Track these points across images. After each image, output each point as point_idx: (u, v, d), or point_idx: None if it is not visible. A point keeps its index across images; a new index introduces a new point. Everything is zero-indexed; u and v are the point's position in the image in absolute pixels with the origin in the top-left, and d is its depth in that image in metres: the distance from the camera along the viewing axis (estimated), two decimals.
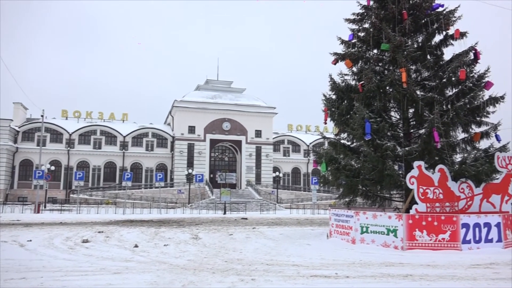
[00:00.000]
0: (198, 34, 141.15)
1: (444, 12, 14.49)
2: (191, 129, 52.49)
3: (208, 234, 16.18)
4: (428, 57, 14.70)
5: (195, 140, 52.40)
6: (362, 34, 15.58)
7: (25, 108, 52.39)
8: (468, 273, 8.35)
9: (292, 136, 60.15)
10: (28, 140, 49.40)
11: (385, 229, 12.00)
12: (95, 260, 9.78)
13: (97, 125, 52.36)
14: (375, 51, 15.53)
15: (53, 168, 45.45)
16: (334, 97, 15.76)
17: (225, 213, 34.25)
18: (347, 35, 15.79)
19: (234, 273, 8.23)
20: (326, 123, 16.35)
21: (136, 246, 12.32)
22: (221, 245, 12.84)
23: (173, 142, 52.96)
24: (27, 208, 33.84)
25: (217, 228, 19.01)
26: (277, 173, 50.64)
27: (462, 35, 14.38)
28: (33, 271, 8.25)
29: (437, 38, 15.14)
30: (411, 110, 14.53)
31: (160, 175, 38.22)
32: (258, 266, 9.06)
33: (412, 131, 15.02)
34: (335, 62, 15.69)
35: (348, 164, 14.66)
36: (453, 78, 13.73)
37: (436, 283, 7.43)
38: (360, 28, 15.84)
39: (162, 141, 54.07)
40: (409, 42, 14.53)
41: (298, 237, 15.20)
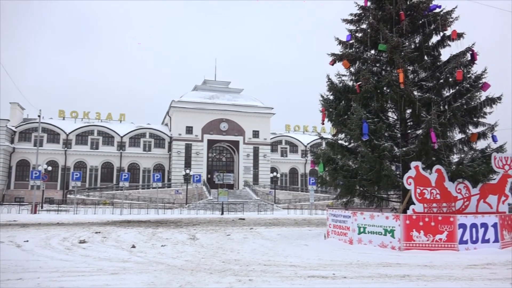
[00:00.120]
0: (198, 34, 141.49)
1: (441, 13, 14.51)
2: (189, 130, 52.47)
3: (206, 235, 16.17)
4: (426, 58, 14.73)
5: (193, 141, 52.38)
6: (360, 35, 15.59)
7: (22, 108, 52.26)
8: (465, 274, 8.37)
9: (290, 137, 60.23)
10: (25, 140, 49.29)
11: (383, 230, 12.02)
12: (92, 261, 9.75)
13: (95, 125, 52.29)
14: (373, 52, 15.56)
15: (50, 169, 45.36)
16: (332, 98, 15.76)
17: (223, 214, 34.22)
18: (345, 36, 15.82)
19: (232, 274, 8.22)
20: (324, 124, 16.35)
21: (134, 247, 12.30)
22: (219, 246, 12.84)
23: (171, 143, 52.92)
24: (24, 209, 33.77)
25: (215, 229, 18.99)
26: (275, 174, 50.65)
27: (459, 36, 14.41)
28: (30, 272, 8.23)
29: (434, 39, 15.17)
30: (409, 111, 14.57)
31: (158, 176, 38.13)
32: (256, 267, 9.06)
33: (410, 132, 15.04)
34: (333, 63, 15.70)
35: (346, 165, 14.68)
36: (450, 79, 13.76)
37: (433, 284, 7.44)
38: (358, 29, 15.85)
39: (160, 142, 54.02)
40: (407, 43, 14.54)
41: (296, 238, 15.21)
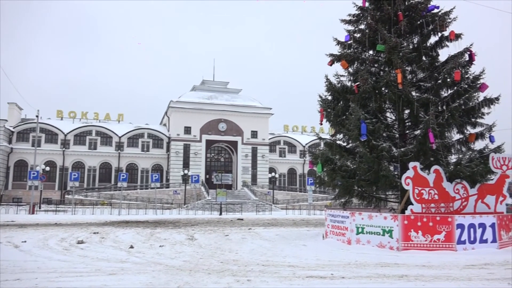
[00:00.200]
0: (198, 34, 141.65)
1: (440, 14, 14.54)
2: (187, 130, 52.43)
3: (204, 235, 16.16)
4: (424, 59, 14.74)
5: (191, 141, 52.34)
6: (358, 35, 15.61)
7: (20, 108, 52.13)
8: (463, 274, 8.38)
9: (288, 137, 60.22)
10: (23, 141, 49.15)
11: (381, 230, 12.03)
12: (90, 261, 9.74)
13: (93, 126, 52.18)
14: (371, 52, 15.58)
15: (48, 169, 45.22)
16: (330, 98, 15.78)
17: (221, 214, 34.21)
18: (344, 36, 15.83)
19: (230, 274, 8.22)
20: (322, 124, 16.36)
21: (132, 247, 12.29)
22: (217, 246, 12.83)
23: (169, 143, 52.85)
24: (22, 209, 33.68)
25: (213, 229, 18.98)
26: (273, 174, 50.64)
27: (457, 37, 14.44)
28: (28, 272, 8.21)
29: (433, 40, 15.20)
30: (407, 111, 14.59)
31: (156, 176, 38.08)
32: (254, 267, 9.06)
33: (408, 132, 15.06)
34: (331, 63, 15.71)
35: (344, 165, 14.70)
36: (448, 79, 13.79)
37: (431, 284, 7.45)
38: (356, 29, 15.86)
39: (158, 142, 53.95)
40: (405, 43, 14.56)
41: (294, 238, 15.21)
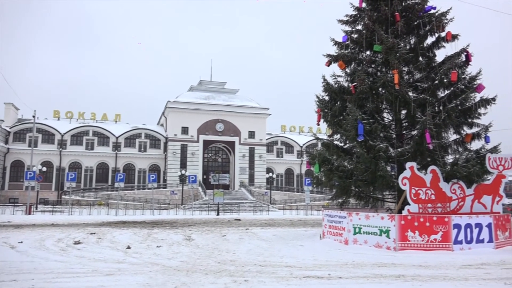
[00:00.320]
0: (198, 34, 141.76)
1: (436, 15, 14.60)
2: (184, 130, 52.37)
3: (201, 235, 16.14)
4: (420, 59, 14.80)
5: (188, 141, 52.29)
6: (355, 36, 15.63)
7: (17, 109, 51.94)
8: (460, 274, 8.41)
9: (286, 137, 60.25)
10: (20, 141, 48.98)
11: (378, 230, 12.05)
12: (87, 262, 9.71)
13: (90, 126, 52.05)
14: (368, 53, 15.61)
15: (45, 169, 45.11)
16: (327, 99, 15.80)
17: (218, 214, 34.17)
18: (341, 37, 15.86)
19: (227, 274, 8.21)
20: (319, 124, 16.37)
21: (129, 248, 12.26)
22: (214, 246, 12.82)
23: (166, 143, 52.79)
24: (18, 210, 33.52)
25: (210, 229, 18.96)
26: (270, 174, 50.67)
27: (454, 37, 14.50)
28: (24, 273, 8.18)
29: (429, 40, 15.25)
30: (404, 112, 14.61)
31: (153, 176, 37.98)
32: (251, 267, 9.06)
33: (405, 132, 15.10)
34: (329, 64, 15.74)
35: (341, 165, 14.72)
36: (445, 80, 13.83)
37: (428, 284, 7.47)
38: (353, 30, 15.90)
39: (155, 142, 53.88)
40: (402, 44, 14.60)
41: (291, 238, 15.21)
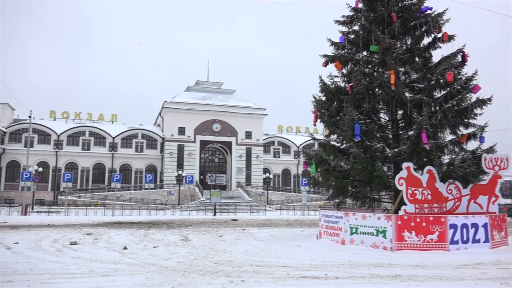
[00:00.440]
0: (198, 34, 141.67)
1: (433, 15, 14.64)
2: (181, 130, 52.29)
3: (198, 236, 16.12)
4: (417, 60, 14.82)
5: (185, 142, 52.21)
6: (352, 36, 15.65)
7: (12, 109, 51.73)
8: (456, 274, 8.43)
9: (283, 138, 60.30)
10: (15, 141, 48.77)
11: (374, 230, 12.07)
12: (83, 263, 9.67)
13: (86, 126, 51.90)
14: (365, 53, 15.64)
15: (41, 170, 44.88)
16: (324, 99, 15.80)
17: (215, 215, 34.14)
18: (338, 37, 15.88)
19: (224, 275, 8.20)
20: (316, 125, 16.38)
21: (125, 248, 12.22)
22: (211, 247, 12.80)
23: (163, 144, 52.70)
24: (14, 210, 33.37)
25: (207, 230, 18.94)
26: (267, 174, 50.66)
27: (450, 38, 14.54)
28: (20, 274, 8.14)
29: (426, 41, 15.29)
30: (400, 112, 14.66)
31: (150, 177, 37.89)
32: (248, 268, 9.05)
33: (401, 133, 15.13)
34: (325, 64, 15.75)
35: (338, 166, 14.73)
36: (441, 80, 13.87)
37: (425, 284, 7.49)
38: (350, 30, 15.91)
39: (152, 142, 53.77)
40: (398, 44, 14.64)
41: (288, 239, 15.22)
